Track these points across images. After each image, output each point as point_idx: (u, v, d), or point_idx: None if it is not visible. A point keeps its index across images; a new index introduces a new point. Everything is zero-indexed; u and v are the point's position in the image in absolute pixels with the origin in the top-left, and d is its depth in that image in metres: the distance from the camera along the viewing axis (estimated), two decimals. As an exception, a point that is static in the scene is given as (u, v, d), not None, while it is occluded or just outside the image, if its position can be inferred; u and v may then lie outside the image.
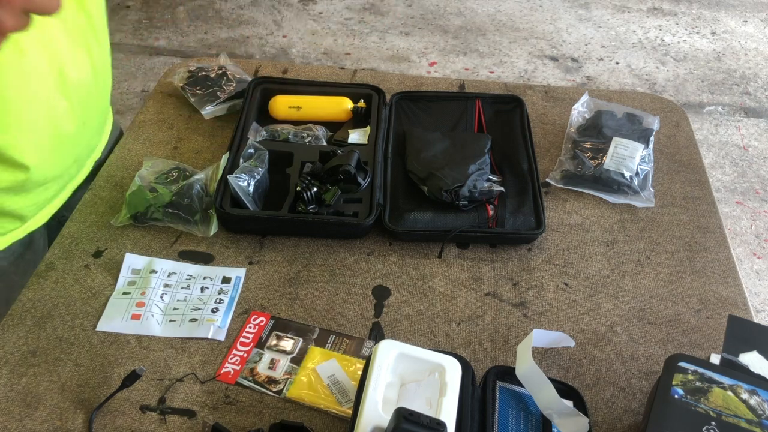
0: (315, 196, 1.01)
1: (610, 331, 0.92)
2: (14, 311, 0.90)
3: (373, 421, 0.67)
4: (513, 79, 3.01)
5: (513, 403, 0.79)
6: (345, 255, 1.00)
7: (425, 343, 0.89)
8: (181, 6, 3.38)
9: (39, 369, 0.84)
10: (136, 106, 2.73)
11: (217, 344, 0.88)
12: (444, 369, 0.73)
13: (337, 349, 0.88)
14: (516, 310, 0.94)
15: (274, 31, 3.24)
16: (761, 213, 2.46)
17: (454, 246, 1.03)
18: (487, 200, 1.05)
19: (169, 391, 0.82)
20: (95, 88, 0.98)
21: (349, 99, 1.21)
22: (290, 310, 0.92)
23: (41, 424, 0.78)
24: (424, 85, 1.33)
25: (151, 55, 3.08)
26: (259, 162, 1.05)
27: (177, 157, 1.14)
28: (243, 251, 1.00)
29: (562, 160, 1.16)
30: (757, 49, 3.29)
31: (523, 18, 3.41)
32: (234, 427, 0.79)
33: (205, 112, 1.21)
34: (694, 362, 0.74)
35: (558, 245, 1.03)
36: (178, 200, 1.01)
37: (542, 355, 0.89)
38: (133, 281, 0.94)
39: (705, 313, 0.95)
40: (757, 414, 0.70)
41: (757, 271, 2.26)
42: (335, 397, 0.82)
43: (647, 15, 3.50)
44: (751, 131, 2.81)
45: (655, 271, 1.01)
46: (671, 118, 1.29)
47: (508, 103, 1.24)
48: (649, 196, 1.11)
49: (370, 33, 3.26)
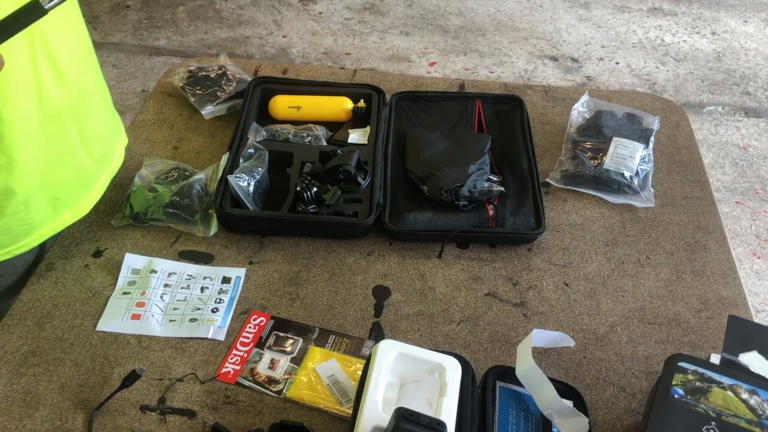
0: (315, 196, 1.01)
1: (610, 331, 0.92)
2: (14, 311, 0.90)
3: (373, 421, 0.67)
4: (513, 79, 3.01)
5: (513, 403, 0.79)
6: (345, 255, 1.00)
7: (425, 343, 0.89)
8: (181, 6, 3.38)
9: (39, 369, 0.84)
10: (136, 106, 2.73)
11: (217, 344, 0.88)
12: (444, 369, 0.73)
13: (337, 349, 0.88)
14: (516, 310, 0.94)
15: (274, 31, 3.24)
16: (761, 213, 2.46)
17: (454, 246, 1.02)
18: (487, 200, 1.05)
19: (169, 391, 0.82)
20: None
21: (349, 99, 1.21)
22: (290, 310, 0.92)
23: (41, 424, 0.78)
24: (424, 85, 1.33)
25: (151, 55, 3.08)
26: (259, 162, 1.05)
27: (177, 157, 1.14)
28: (243, 251, 1.00)
29: (562, 160, 1.16)
30: (757, 49, 3.28)
31: (523, 18, 3.41)
32: (234, 427, 0.79)
33: (205, 112, 1.21)
34: (694, 362, 0.74)
35: (558, 245, 1.03)
36: (178, 200, 1.01)
37: (542, 355, 0.89)
38: (133, 281, 0.94)
39: (705, 313, 0.95)
40: (757, 414, 0.70)
41: (757, 271, 2.25)
42: (335, 397, 0.82)
43: (647, 15, 3.50)
44: (751, 131, 2.81)
45: (655, 271, 1.01)
46: (671, 118, 1.29)
47: (508, 103, 1.24)
48: (649, 196, 1.11)
49: (370, 33, 3.26)
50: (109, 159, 0.99)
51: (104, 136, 0.98)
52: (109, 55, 3.04)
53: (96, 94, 0.94)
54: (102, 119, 0.97)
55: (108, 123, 1.00)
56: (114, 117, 1.03)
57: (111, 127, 1.01)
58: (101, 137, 0.97)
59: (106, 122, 0.99)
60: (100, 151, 0.96)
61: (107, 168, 0.99)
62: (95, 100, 0.93)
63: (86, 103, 0.90)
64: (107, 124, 0.99)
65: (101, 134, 0.97)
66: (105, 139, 0.98)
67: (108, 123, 1.00)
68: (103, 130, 0.98)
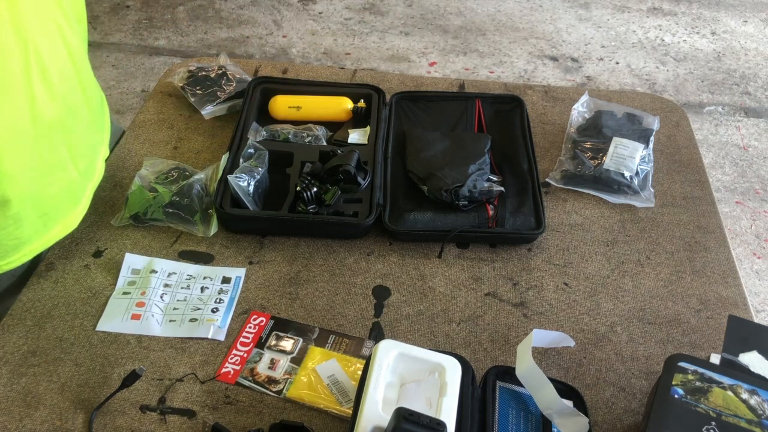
0: (315, 196, 1.01)
1: (610, 331, 0.92)
2: (14, 311, 0.90)
3: (373, 421, 0.67)
4: (513, 79, 3.01)
5: (513, 403, 0.79)
6: (345, 255, 1.00)
7: (425, 343, 0.89)
8: (181, 6, 3.38)
9: (39, 369, 0.84)
10: (136, 106, 2.73)
11: (217, 344, 0.88)
12: (444, 369, 0.73)
13: (337, 349, 0.88)
14: (516, 310, 0.94)
15: (274, 31, 3.24)
16: (761, 213, 2.46)
17: (454, 246, 1.02)
18: (487, 200, 1.05)
19: (169, 391, 0.82)
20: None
21: (349, 99, 1.21)
22: (290, 310, 0.92)
23: (41, 424, 0.78)
24: (424, 85, 1.33)
25: (151, 55, 3.08)
26: (259, 162, 1.05)
27: (177, 157, 1.14)
28: (243, 251, 1.00)
29: (562, 160, 1.16)
30: (757, 49, 3.28)
31: (523, 18, 3.41)
32: (234, 427, 0.79)
33: (205, 112, 1.21)
34: (694, 362, 0.74)
35: (558, 245, 1.03)
36: (178, 200, 1.01)
37: (542, 355, 0.89)
38: (133, 281, 0.94)
39: (705, 313, 0.95)
40: (757, 414, 0.70)
41: (757, 271, 2.25)
42: (335, 397, 0.82)
43: (647, 15, 3.50)
44: (751, 131, 2.81)
45: (655, 271, 1.01)
46: (671, 118, 1.29)
47: (508, 103, 1.24)
48: (649, 196, 1.11)
49: (370, 33, 3.26)
50: (92, 172, 0.99)
51: (89, 149, 0.98)
52: (109, 55, 3.04)
53: (82, 106, 0.93)
54: (87, 132, 0.96)
55: (92, 135, 0.99)
56: (98, 129, 1.02)
57: (95, 140, 1.01)
58: (86, 150, 0.96)
59: (90, 134, 0.98)
60: (85, 164, 0.95)
61: (91, 180, 0.99)
62: (81, 113, 0.93)
63: (73, 116, 0.90)
64: (91, 136, 0.99)
65: (86, 147, 0.96)
66: (89, 152, 0.98)
67: (92, 135, 0.99)
68: (88, 142, 0.97)
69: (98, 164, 1.01)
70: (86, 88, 0.95)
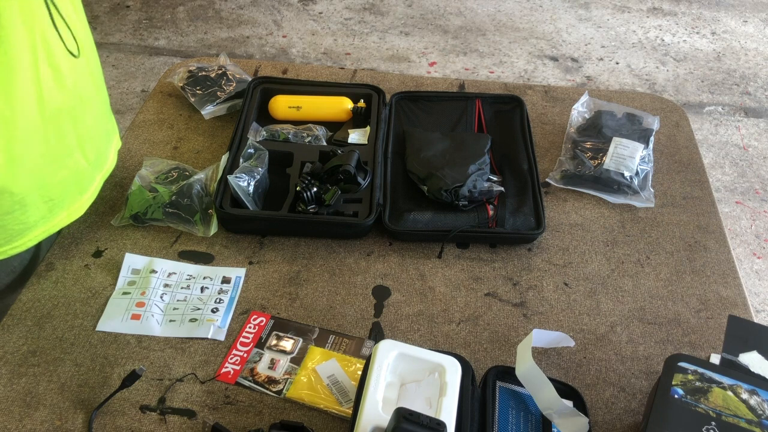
0: (315, 196, 1.01)
1: (610, 331, 0.92)
2: (14, 311, 0.90)
3: (373, 421, 0.67)
4: (513, 79, 3.01)
5: (513, 403, 0.79)
6: (345, 255, 1.00)
7: (425, 343, 0.89)
8: (181, 6, 3.38)
9: (39, 369, 0.84)
10: (136, 106, 2.73)
11: (217, 344, 0.88)
12: (444, 369, 0.73)
13: (337, 349, 0.88)
14: (516, 310, 0.94)
15: (274, 31, 3.24)
16: (761, 213, 2.46)
17: (454, 246, 1.02)
18: (487, 200, 1.05)
19: (169, 391, 0.82)
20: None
21: (349, 99, 1.21)
22: (290, 310, 0.92)
23: (41, 424, 0.78)
24: (424, 85, 1.33)
25: (151, 55, 3.08)
26: (259, 162, 1.05)
27: (177, 157, 1.14)
28: (243, 251, 1.00)
29: (562, 160, 1.16)
30: (757, 49, 3.28)
31: (523, 18, 3.41)
32: (234, 427, 0.79)
33: (205, 112, 1.21)
34: (694, 362, 0.74)
35: (558, 245, 1.03)
36: (178, 200, 1.01)
37: (542, 355, 0.89)
38: (133, 281, 0.94)
39: (705, 313, 0.95)
40: (757, 414, 0.70)
41: (757, 271, 2.25)
42: (335, 397, 0.82)
43: (647, 15, 3.50)
44: (751, 131, 2.81)
45: (655, 271, 1.01)
46: (671, 118, 1.29)
47: (508, 103, 1.24)
48: (649, 196, 1.11)
49: (370, 33, 3.26)
50: (102, 161, 0.99)
51: (99, 138, 0.98)
52: (109, 55, 3.04)
53: (93, 96, 0.94)
54: (97, 121, 0.97)
55: (103, 125, 1.00)
56: (109, 119, 1.03)
57: (106, 129, 1.01)
58: (96, 139, 0.97)
59: (101, 124, 0.99)
60: (95, 153, 0.96)
61: (101, 170, 0.99)
62: (92, 102, 0.94)
63: (83, 105, 0.90)
64: (102, 126, 0.99)
65: (96, 136, 0.97)
66: (100, 141, 0.98)
67: (103, 125, 1.00)
68: (98, 131, 0.98)
69: (110, 154, 1.02)
70: (97, 79, 0.96)
